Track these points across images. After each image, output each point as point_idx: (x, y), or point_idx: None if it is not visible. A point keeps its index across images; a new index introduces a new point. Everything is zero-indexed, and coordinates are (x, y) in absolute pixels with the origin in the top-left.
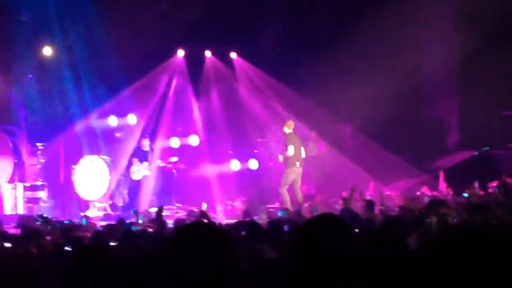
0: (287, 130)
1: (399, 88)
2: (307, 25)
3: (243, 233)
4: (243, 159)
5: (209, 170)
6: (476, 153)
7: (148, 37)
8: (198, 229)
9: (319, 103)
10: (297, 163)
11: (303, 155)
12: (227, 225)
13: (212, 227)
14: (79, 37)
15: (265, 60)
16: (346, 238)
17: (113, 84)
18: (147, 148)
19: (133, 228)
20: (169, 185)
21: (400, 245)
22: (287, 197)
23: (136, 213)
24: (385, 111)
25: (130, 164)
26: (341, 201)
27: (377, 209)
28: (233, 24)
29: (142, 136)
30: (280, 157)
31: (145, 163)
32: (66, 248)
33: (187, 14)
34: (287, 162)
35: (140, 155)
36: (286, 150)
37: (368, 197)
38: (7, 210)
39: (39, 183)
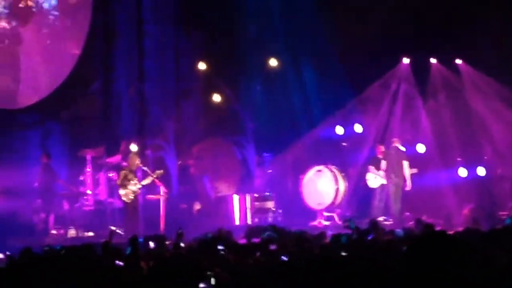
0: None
1: None
2: None
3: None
4: (472, 166)
5: (438, 177)
6: None
7: (372, 47)
8: (431, 241)
9: None
10: (393, 176)
11: (404, 170)
12: (457, 232)
13: (446, 237)
14: (304, 48)
15: (491, 65)
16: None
17: (338, 94)
18: (381, 156)
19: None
20: None
21: None
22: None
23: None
24: None
25: (365, 171)
26: None
27: None
28: (456, 30)
29: (376, 144)
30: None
31: (382, 172)
32: (284, 258)
33: (410, 22)
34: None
35: (376, 162)
36: None
37: None
38: (237, 221)
39: (267, 193)
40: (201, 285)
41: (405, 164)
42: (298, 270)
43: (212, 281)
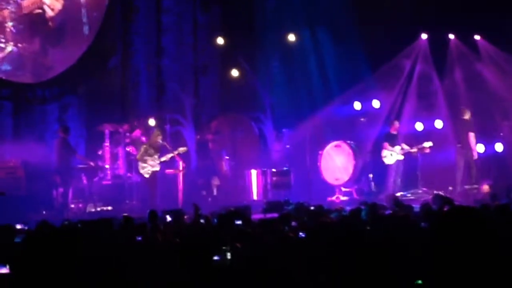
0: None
1: None
2: None
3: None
4: (489, 142)
5: (454, 153)
6: None
7: (392, 22)
8: (458, 216)
9: None
10: (459, 145)
11: (470, 140)
12: (473, 208)
13: (472, 212)
14: (322, 23)
15: (510, 42)
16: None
17: (357, 70)
18: (395, 132)
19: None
20: (414, 169)
21: None
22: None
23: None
24: None
25: (380, 148)
26: None
27: None
28: (476, 5)
29: (390, 120)
30: None
31: (397, 147)
32: (302, 234)
33: None
34: None
35: (390, 139)
36: None
37: None
38: (255, 196)
39: (285, 168)
40: (215, 257)
41: (471, 135)
42: (315, 245)
43: (228, 255)
